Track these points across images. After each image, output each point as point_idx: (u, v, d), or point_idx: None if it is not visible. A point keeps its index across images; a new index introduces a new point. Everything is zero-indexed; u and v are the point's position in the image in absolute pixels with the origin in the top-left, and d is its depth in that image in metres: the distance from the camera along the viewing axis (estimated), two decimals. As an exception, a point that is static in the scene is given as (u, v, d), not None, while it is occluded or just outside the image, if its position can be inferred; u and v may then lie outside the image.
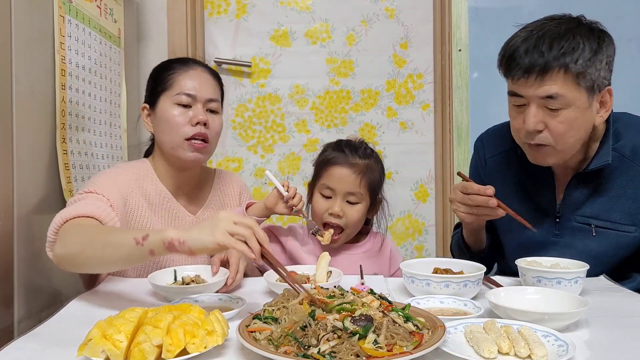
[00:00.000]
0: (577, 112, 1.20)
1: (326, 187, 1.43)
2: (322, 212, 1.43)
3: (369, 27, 2.43)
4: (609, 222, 1.31)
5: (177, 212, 1.43)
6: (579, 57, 1.17)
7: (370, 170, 1.45)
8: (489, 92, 2.28)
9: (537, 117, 1.22)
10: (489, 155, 1.53)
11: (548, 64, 1.17)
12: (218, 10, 2.41)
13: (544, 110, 1.21)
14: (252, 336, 0.79)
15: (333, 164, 1.43)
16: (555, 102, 1.19)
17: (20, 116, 1.27)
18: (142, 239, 0.96)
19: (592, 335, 0.89)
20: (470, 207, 1.29)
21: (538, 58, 1.18)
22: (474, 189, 1.27)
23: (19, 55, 1.27)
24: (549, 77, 1.18)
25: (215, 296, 1.07)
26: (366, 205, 1.46)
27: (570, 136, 1.23)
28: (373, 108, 2.44)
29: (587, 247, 1.30)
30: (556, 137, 1.23)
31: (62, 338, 0.88)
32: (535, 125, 1.22)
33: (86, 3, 1.62)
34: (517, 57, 1.21)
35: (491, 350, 0.77)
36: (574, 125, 1.22)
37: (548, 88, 1.18)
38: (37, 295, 1.35)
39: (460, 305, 1.02)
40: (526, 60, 1.19)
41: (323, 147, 1.52)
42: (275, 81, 2.42)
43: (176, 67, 1.41)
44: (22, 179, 1.29)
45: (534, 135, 1.24)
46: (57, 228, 1.14)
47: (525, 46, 1.20)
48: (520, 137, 1.30)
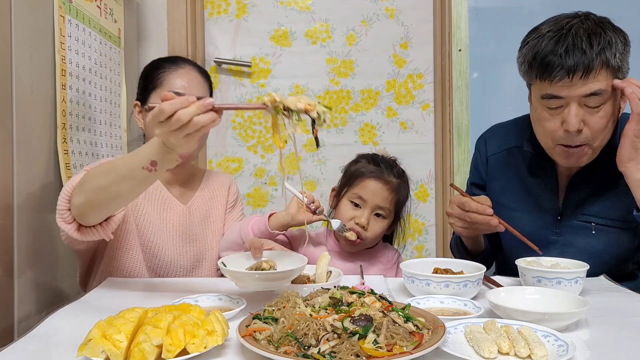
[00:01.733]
0: (613, 106, 1.21)
1: (358, 197, 1.46)
2: (348, 220, 1.45)
3: (369, 27, 2.43)
4: (609, 220, 1.31)
5: (169, 202, 1.46)
6: (616, 51, 1.17)
7: (401, 189, 1.50)
8: (489, 92, 2.28)
9: (579, 116, 1.20)
10: (492, 152, 1.52)
11: (592, 62, 1.16)
12: (218, 10, 2.41)
13: (583, 108, 1.20)
14: (252, 336, 0.79)
15: (369, 177, 1.46)
16: (597, 99, 1.18)
17: (20, 116, 1.27)
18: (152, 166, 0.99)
19: (592, 335, 0.89)
20: (467, 223, 1.30)
21: (581, 57, 1.16)
22: (473, 207, 1.27)
23: (19, 55, 1.27)
24: (592, 75, 1.17)
25: (215, 296, 1.07)
26: (389, 222, 1.50)
27: (608, 131, 1.24)
28: (373, 108, 2.44)
29: (587, 245, 1.30)
30: (595, 134, 1.22)
31: (62, 338, 0.88)
32: (578, 125, 1.20)
33: (86, 3, 1.62)
34: (554, 58, 1.18)
35: (491, 350, 0.77)
36: (612, 119, 1.23)
37: (592, 85, 1.17)
38: (37, 295, 1.35)
39: (460, 305, 1.02)
40: (569, 60, 1.17)
41: (356, 157, 1.55)
42: (275, 81, 2.42)
43: (166, 66, 1.45)
44: (23, 179, 1.29)
45: (574, 136, 1.22)
46: (68, 194, 1.13)
47: (564, 46, 1.18)
48: (555, 139, 1.26)
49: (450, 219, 1.35)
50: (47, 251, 1.40)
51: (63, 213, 1.14)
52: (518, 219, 1.36)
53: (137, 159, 1.01)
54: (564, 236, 1.36)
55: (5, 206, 1.24)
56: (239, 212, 1.63)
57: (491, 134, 1.57)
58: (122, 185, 1.05)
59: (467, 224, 1.30)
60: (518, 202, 1.42)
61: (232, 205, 1.61)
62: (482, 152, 1.56)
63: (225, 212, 1.59)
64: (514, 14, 2.26)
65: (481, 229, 1.32)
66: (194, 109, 0.92)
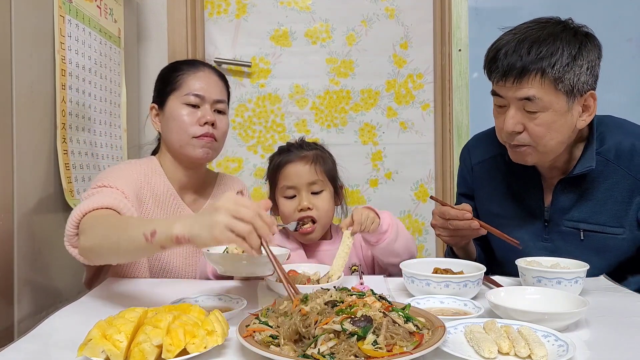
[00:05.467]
0: (554, 115, 1.22)
1: (287, 188, 1.44)
2: (292, 212, 1.43)
3: (369, 27, 2.43)
4: (597, 226, 1.31)
5: (181, 210, 1.44)
6: (556, 62, 1.18)
7: (321, 157, 1.47)
8: (489, 92, 2.28)
9: (515, 119, 1.24)
10: (476, 161, 1.54)
11: (525, 68, 1.19)
12: (218, 11, 2.41)
13: (522, 112, 1.23)
14: (252, 336, 0.79)
15: (285, 164, 1.44)
16: (533, 104, 1.21)
17: (20, 116, 1.27)
18: (151, 236, 0.95)
19: (592, 335, 0.89)
20: (451, 231, 1.32)
21: (516, 61, 1.20)
22: (452, 214, 1.29)
23: (19, 55, 1.27)
24: (526, 80, 1.20)
25: (215, 296, 1.07)
26: (330, 192, 1.47)
27: (550, 138, 1.24)
28: (373, 108, 2.44)
29: (576, 251, 1.30)
30: (535, 139, 1.24)
31: (62, 338, 0.88)
32: (513, 127, 1.24)
33: (86, 3, 1.62)
34: (497, 59, 1.23)
35: (491, 350, 0.77)
36: (552, 127, 1.23)
37: (525, 91, 1.20)
38: (37, 295, 1.35)
39: (460, 305, 1.02)
40: (505, 63, 1.21)
41: (269, 159, 1.54)
42: (275, 81, 2.42)
43: (185, 69, 1.44)
44: (23, 179, 1.29)
45: (513, 136, 1.26)
46: (76, 221, 1.14)
47: (506, 49, 1.22)
48: (501, 136, 1.31)
49: (435, 230, 1.37)
50: (47, 251, 1.40)
51: (71, 238, 1.14)
52: (506, 225, 1.37)
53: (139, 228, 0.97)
54: (553, 242, 1.36)
55: (5, 206, 1.24)
56: None
57: (474, 143, 1.59)
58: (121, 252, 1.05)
59: (451, 232, 1.33)
60: (505, 209, 1.43)
61: None
62: (466, 162, 1.57)
63: None
64: (514, 14, 2.26)
65: (466, 234, 1.34)
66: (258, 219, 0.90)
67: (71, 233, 1.14)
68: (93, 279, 1.40)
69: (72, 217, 1.14)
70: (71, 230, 1.14)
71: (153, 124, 1.48)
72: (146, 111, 2.14)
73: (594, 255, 1.29)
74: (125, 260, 1.21)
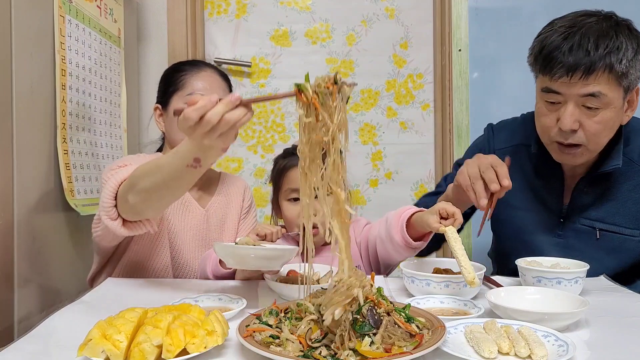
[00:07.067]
0: (613, 112, 1.19)
1: (292, 191, 1.43)
2: (296, 216, 1.42)
3: (369, 27, 2.43)
4: (614, 226, 1.30)
5: (189, 204, 1.45)
6: (623, 57, 1.15)
7: None
8: (489, 92, 2.28)
9: (574, 116, 1.19)
10: (499, 147, 1.49)
11: (594, 63, 1.14)
12: (218, 11, 2.41)
13: (580, 109, 1.19)
14: (252, 336, 0.79)
15: (290, 167, 1.43)
16: (596, 101, 1.17)
17: (20, 116, 1.27)
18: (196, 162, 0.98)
19: (592, 335, 0.89)
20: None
21: (584, 57, 1.15)
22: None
23: (19, 55, 1.27)
24: (593, 76, 1.15)
25: (215, 296, 1.07)
26: None
27: (604, 136, 1.22)
28: (373, 108, 2.44)
29: (590, 250, 1.29)
30: (590, 137, 1.21)
31: (62, 338, 0.88)
32: (572, 125, 1.19)
33: (86, 3, 1.62)
34: (558, 54, 1.17)
35: (491, 350, 0.77)
36: (609, 125, 1.20)
37: (592, 87, 1.16)
38: (37, 295, 1.35)
39: (460, 305, 1.02)
40: (570, 59, 1.16)
41: (273, 161, 1.53)
42: (275, 81, 2.42)
43: (187, 69, 1.46)
44: (23, 179, 1.29)
45: (568, 134, 1.21)
46: (113, 192, 1.13)
47: (569, 44, 1.16)
48: (550, 135, 1.26)
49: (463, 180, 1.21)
50: (47, 251, 1.40)
51: (109, 210, 1.13)
52: (520, 217, 1.35)
53: (180, 159, 1.00)
54: (566, 239, 1.35)
55: (5, 206, 1.24)
56: (252, 220, 1.61)
57: (500, 128, 1.53)
58: (170, 184, 1.04)
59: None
60: (521, 200, 1.40)
61: (246, 212, 1.60)
62: (490, 142, 1.50)
63: (240, 218, 1.57)
64: (514, 14, 2.26)
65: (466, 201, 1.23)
66: (222, 108, 0.91)
67: (109, 204, 1.13)
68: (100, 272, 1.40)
69: (108, 190, 1.14)
70: (109, 202, 1.13)
71: (157, 124, 1.49)
72: (146, 111, 2.15)
73: (607, 255, 1.29)
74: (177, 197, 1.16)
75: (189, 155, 0.98)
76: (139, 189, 1.07)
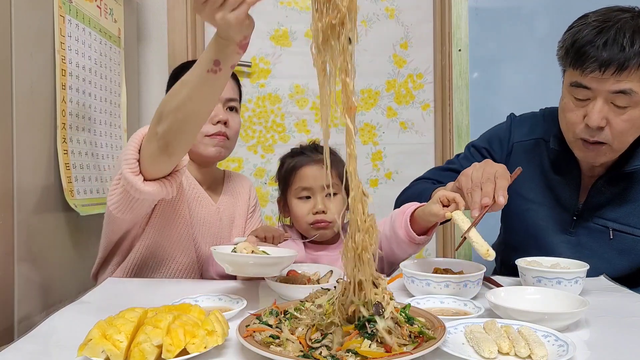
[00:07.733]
0: None
1: (302, 189, 1.44)
2: (306, 214, 1.43)
3: (369, 27, 2.43)
4: (628, 227, 1.29)
5: (202, 199, 1.45)
6: None
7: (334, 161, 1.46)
8: (489, 92, 2.28)
9: (602, 113, 1.17)
10: (517, 139, 1.47)
11: (628, 60, 1.12)
12: (218, 10, 2.40)
13: (609, 106, 1.17)
14: (252, 336, 0.79)
15: (301, 166, 1.45)
16: (626, 98, 1.15)
17: (20, 116, 1.27)
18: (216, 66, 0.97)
19: (592, 335, 0.89)
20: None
21: (618, 52, 1.12)
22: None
23: (19, 55, 1.27)
24: (626, 73, 1.13)
25: (215, 296, 1.07)
26: (343, 196, 1.46)
27: (630, 135, 1.20)
28: (373, 108, 2.44)
29: (600, 249, 1.28)
30: (616, 135, 1.19)
31: (62, 338, 0.88)
32: (599, 122, 1.17)
33: (86, 3, 1.62)
34: (591, 49, 1.15)
35: (491, 350, 0.77)
36: (636, 124, 1.18)
37: (624, 84, 1.13)
38: (37, 295, 1.35)
39: (460, 305, 1.02)
40: (604, 54, 1.13)
41: (280, 160, 1.54)
42: (275, 81, 2.42)
43: None
44: (23, 179, 1.29)
45: (594, 132, 1.19)
46: (137, 145, 1.12)
47: (603, 38, 1.14)
48: (575, 131, 1.24)
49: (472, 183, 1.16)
50: (47, 251, 1.40)
51: (131, 163, 1.11)
52: (533, 210, 1.33)
53: (200, 65, 1.00)
54: (578, 237, 1.33)
55: (5, 206, 1.24)
56: (257, 219, 1.61)
57: (520, 120, 1.51)
58: (194, 97, 1.02)
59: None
60: (536, 194, 1.38)
61: (252, 211, 1.61)
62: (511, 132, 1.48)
63: (247, 217, 1.58)
64: (514, 14, 2.26)
65: None
66: None
67: (132, 157, 1.11)
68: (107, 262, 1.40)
69: (132, 141, 1.13)
70: (133, 154, 1.11)
71: None
72: (146, 111, 2.15)
73: (618, 256, 1.27)
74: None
75: (210, 58, 0.97)
76: (167, 112, 1.05)
